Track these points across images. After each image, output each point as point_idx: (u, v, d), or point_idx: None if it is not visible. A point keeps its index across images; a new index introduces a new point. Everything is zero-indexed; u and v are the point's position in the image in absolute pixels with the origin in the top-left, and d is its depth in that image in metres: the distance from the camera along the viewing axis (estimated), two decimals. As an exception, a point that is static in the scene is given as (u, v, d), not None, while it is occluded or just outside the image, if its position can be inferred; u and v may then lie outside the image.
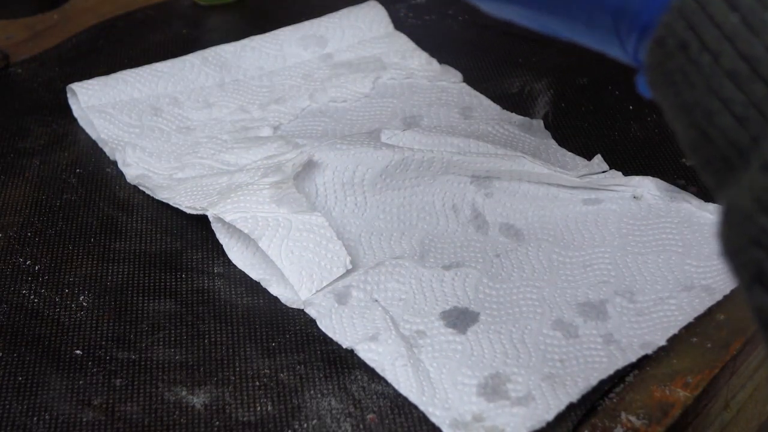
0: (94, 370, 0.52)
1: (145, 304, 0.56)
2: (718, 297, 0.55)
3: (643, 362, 0.51)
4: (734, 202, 0.29)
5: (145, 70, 0.74)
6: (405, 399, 0.49)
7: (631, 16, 0.34)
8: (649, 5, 0.33)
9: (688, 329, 0.53)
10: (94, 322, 0.55)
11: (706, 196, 0.62)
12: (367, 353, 0.52)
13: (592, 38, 0.36)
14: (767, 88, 0.28)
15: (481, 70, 0.77)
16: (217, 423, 0.48)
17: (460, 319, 0.54)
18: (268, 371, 0.51)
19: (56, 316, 0.55)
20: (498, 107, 0.73)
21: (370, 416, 0.49)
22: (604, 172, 0.64)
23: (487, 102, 0.73)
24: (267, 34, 0.79)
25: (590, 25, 0.36)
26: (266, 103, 0.73)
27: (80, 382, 0.51)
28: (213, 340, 0.53)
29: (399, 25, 0.81)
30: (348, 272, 0.56)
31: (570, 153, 0.67)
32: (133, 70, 0.74)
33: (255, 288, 0.57)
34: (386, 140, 0.64)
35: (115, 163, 0.67)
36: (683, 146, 0.32)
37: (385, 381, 0.50)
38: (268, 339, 0.53)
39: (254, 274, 0.58)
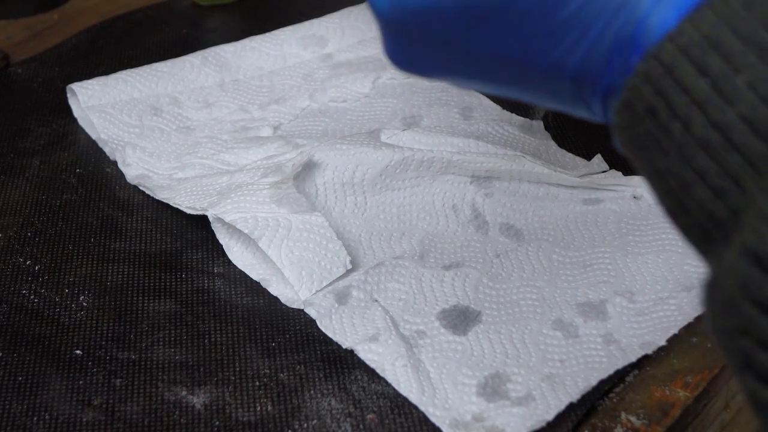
0: (94, 370, 0.52)
1: (145, 304, 0.56)
2: (718, 297, 0.55)
3: (643, 362, 0.51)
4: (718, 283, 0.27)
5: (145, 70, 0.74)
6: (405, 399, 0.49)
7: (592, 81, 0.32)
8: (609, 69, 0.31)
9: (688, 329, 0.53)
10: (94, 322, 0.55)
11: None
12: (367, 353, 0.52)
13: (558, 104, 0.34)
14: (743, 159, 0.26)
15: (481, 70, 0.77)
16: (217, 423, 0.48)
17: (460, 319, 0.54)
18: (268, 371, 0.51)
19: (56, 316, 0.55)
20: (498, 107, 0.73)
21: (370, 416, 0.49)
22: (604, 172, 0.64)
23: (487, 102, 0.73)
24: (267, 34, 0.79)
25: (552, 94, 0.34)
26: (266, 103, 0.73)
27: (80, 382, 0.51)
28: (213, 340, 0.53)
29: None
30: (348, 272, 0.56)
31: (570, 153, 0.67)
32: (133, 70, 0.74)
33: (255, 288, 0.57)
34: (386, 140, 0.64)
35: (115, 163, 0.67)
36: (661, 209, 0.31)
37: (385, 381, 0.50)
38: (268, 339, 0.53)
39: (254, 274, 0.58)
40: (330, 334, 0.53)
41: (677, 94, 0.28)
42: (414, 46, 0.34)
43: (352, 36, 0.79)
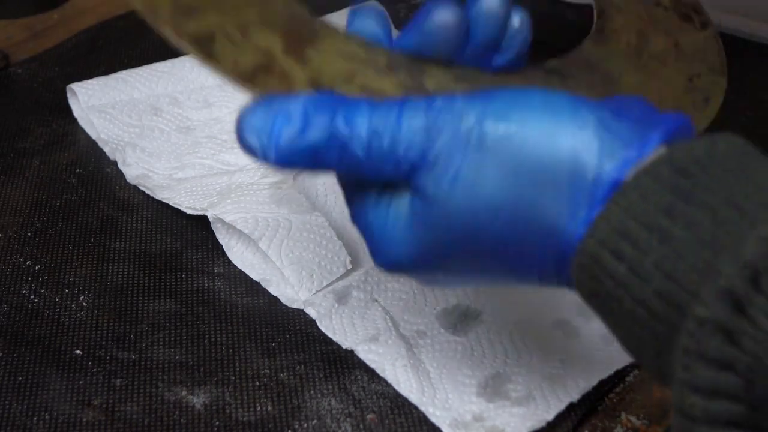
0: (94, 370, 0.52)
1: (145, 304, 0.56)
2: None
3: (644, 362, 0.51)
4: None
5: (145, 70, 0.74)
6: (405, 399, 0.49)
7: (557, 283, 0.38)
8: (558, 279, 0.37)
9: (688, 329, 0.53)
10: (94, 322, 0.55)
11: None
12: (368, 354, 0.52)
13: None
14: (664, 327, 0.32)
15: (481, 70, 0.77)
16: (217, 423, 0.48)
17: (460, 319, 0.54)
18: (268, 371, 0.51)
19: (56, 316, 0.55)
20: (498, 107, 0.72)
21: (370, 416, 0.49)
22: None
23: (487, 102, 0.73)
24: (267, 34, 0.79)
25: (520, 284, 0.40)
26: (266, 103, 0.73)
27: (80, 382, 0.51)
28: (213, 340, 0.53)
29: (399, 25, 0.81)
30: (348, 272, 0.56)
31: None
32: (133, 70, 0.74)
33: (255, 288, 0.57)
34: (386, 140, 0.64)
35: (115, 163, 0.67)
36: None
37: (385, 381, 0.50)
38: (268, 339, 0.53)
39: (254, 274, 0.58)
40: (330, 334, 0.53)
41: (606, 279, 0.33)
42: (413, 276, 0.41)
43: (352, 36, 0.79)
